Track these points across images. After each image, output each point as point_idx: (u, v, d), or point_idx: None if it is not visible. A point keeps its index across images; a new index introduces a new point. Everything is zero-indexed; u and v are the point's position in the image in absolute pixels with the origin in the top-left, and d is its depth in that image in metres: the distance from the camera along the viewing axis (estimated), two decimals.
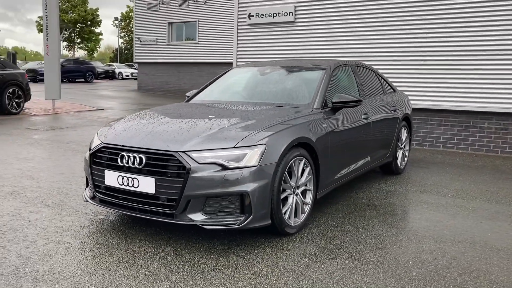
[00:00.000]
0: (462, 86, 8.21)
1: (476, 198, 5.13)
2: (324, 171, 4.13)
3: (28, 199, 4.61)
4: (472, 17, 8.03)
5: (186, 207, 3.30)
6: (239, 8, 10.66)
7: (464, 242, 3.74)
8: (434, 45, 8.40)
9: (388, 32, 8.84)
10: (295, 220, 3.78)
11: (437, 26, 8.33)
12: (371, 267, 3.20)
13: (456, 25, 8.18)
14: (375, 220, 4.23)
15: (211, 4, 24.28)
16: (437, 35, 8.35)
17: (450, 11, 8.21)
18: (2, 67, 11.65)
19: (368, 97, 5.39)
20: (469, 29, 8.06)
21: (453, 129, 8.46)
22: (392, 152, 5.92)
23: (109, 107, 15.47)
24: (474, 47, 8.04)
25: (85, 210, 4.29)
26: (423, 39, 8.48)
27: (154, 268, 3.10)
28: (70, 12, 64.72)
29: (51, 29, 12.96)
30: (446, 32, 8.27)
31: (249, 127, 3.64)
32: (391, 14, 8.78)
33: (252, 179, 3.32)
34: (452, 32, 8.22)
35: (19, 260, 3.18)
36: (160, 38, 26.33)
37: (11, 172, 5.75)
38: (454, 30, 8.20)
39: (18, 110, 11.94)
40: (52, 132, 9.32)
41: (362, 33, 9.12)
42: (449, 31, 8.24)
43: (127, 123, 4.04)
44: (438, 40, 8.36)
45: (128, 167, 3.46)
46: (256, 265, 3.19)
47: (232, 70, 5.63)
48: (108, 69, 41.17)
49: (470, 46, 8.08)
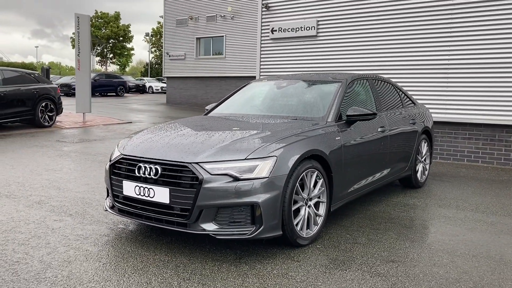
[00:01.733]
0: (486, 99, 8.10)
1: (497, 212, 5.05)
2: (337, 184, 4.17)
3: (53, 208, 4.82)
4: (497, 27, 7.94)
5: (198, 217, 3.41)
6: (262, 22, 10.85)
7: (478, 256, 3.70)
8: (457, 58, 8.32)
9: (411, 45, 8.82)
10: (308, 232, 3.83)
11: (461, 39, 8.27)
12: (380, 279, 3.21)
13: (480, 35, 8.10)
14: (389, 233, 4.23)
15: (238, 19, 24.68)
16: (461, 49, 8.28)
17: (474, 20, 8.15)
18: (36, 82, 12.17)
19: (385, 110, 5.41)
20: (494, 40, 7.97)
21: (478, 143, 8.33)
22: (411, 165, 5.88)
23: (137, 120, 15.86)
24: (498, 59, 7.94)
25: (106, 220, 4.45)
26: (446, 54, 8.42)
27: (166, 276, 3.20)
28: (103, 28, 66.81)
29: (83, 44, 13.47)
30: (470, 44, 8.19)
31: (261, 139, 3.73)
32: (415, 28, 8.77)
33: (263, 190, 3.40)
34: (476, 44, 8.14)
35: (40, 265, 3.34)
36: (189, 52, 26.88)
37: (40, 182, 6.01)
38: (478, 41, 8.12)
39: (50, 123, 12.40)
40: (81, 144, 9.65)
41: (384, 47, 9.13)
42: (473, 43, 8.17)
43: (145, 135, 4.20)
44: (461, 53, 8.28)
45: (144, 178, 3.60)
46: (266, 275, 3.25)
47: (250, 84, 5.76)
48: (138, 83, 42.14)
49: (493, 57, 7.98)
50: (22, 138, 10.31)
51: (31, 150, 8.65)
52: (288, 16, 10.50)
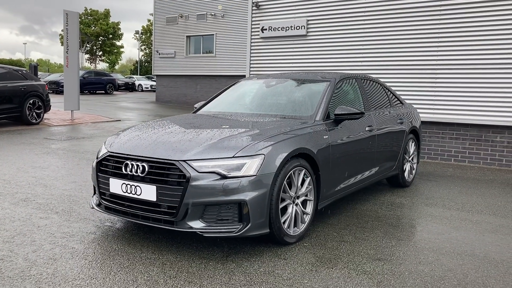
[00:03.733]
0: (473, 100, 8.19)
1: (482, 211, 5.11)
2: (325, 182, 4.19)
3: (39, 206, 4.77)
4: (482, 32, 8.03)
5: (185, 215, 3.40)
6: (252, 21, 10.85)
7: (463, 254, 3.74)
8: (445, 59, 8.41)
9: (400, 46, 8.89)
10: (295, 230, 3.84)
11: (449, 41, 8.35)
12: (366, 277, 3.24)
13: (468, 37, 8.19)
14: (376, 232, 4.26)
15: (228, 18, 24.64)
16: (449, 50, 8.37)
17: (461, 22, 8.23)
18: (23, 79, 12.03)
19: (373, 110, 5.44)
20: (481, 41, 8.06)
21: (465, 143, 8.42)
22: (399, 164, 5.93)
23: (126, 118, 15.77)
24: (485, 61, 8.03)
25: (93, 217, 4.42)
26: (434, 55, 8.50)
27: (153, 274, 3.19)
28: (92, 25, 66.28)
29: (71, 42, 13.36)
30: (458, 45, 8.28)
31: (249, 138, 3.73)
32: (403, 29, 8.83)
33: (251, 188, 3.40)
34: (464, 45, 8.23)
35: (25, 263, 3.31)
36: (178, 51, 26.78)
37: (26, 179, 5.95)
38: (466, 42, 8.21)
39: (38, 121, 12.27)
40: (69, 142, 9.58)
41: (373, 47, 9.18)
42: (460, 44, 8.25)
43: (133, 133, 4.18)
44: (449, 54, 8.37)
45: (131, 175, 3.58)
46: (252, 273, 3.25)
47: (239, 83, 5.76)
48: (128, 81, 41.90)
49: (481, 60, 8.07)
50: (9, 135, 10.20)
51: (18, 147, 8.56)
52: (278, 15, 10.51)
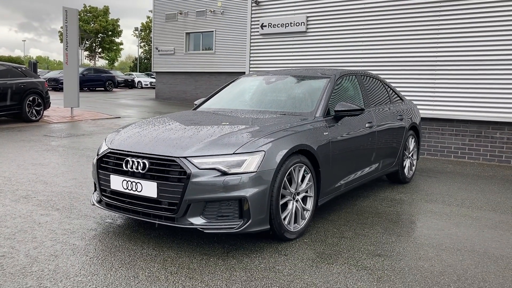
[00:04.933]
0: (473, 96, 8.19)
1: (482, 207, 5.12)
2: (325, 179, 4.20)
3: (40, 203, 4.78)
4: (482, 28, 8.02)
5: (186, 211, 3.41)
6: (252, 18, 10.83)
7: (463, 250, 3.75)
8: (445, 55, 8.41)
9: (399, 42, 8.88)
10: (295, 226, 3.85)
11: (448, 37, 8.35)
12: (366, 273, 3.25)
13: (467, 36, 8.19)
14: (376, 228, 4.27)
15: (228, 14, 24.61)
16: (448, 45, 8.36)
17: (461, 18, 8.22)
18: (23, 76, 12.03)
19: (373, 106, 5.45)
20: (480, 40, 8.06)
21: (465, 139, 8.43)
22: (399, 161, 5.94)
23: (126, 115, 15.77)
24: (485, 57, 8.03)
25: (94, 214, 4.44)
26: (434, 49, 8.50)
27: (154, 270, 3.21)
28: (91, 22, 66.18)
29: (71, 38, 13.35)
30: (457, 42, 8.27)
31: (249, 134, 3.74)
32: (403, 25, 8.82)
33: (251, 185, 3.41)
34: (463, 42, 8.22)
35: (26, 259, 3.32)
36: (178, 47, 26.75)
37: (27, 177, 5.96)
38: (465, 39, 8.20)
39: (37, 118, 12.27)
40: (69, 139, 9.58)
41: (373, 44, 9.18)
42: (460, 40, 8.25)
43: (133, 129, 4.18)
44: (449, 50, 8.37)
45: (132, 172, 3.59)
46: (253, 269, 3.26)
47: (239, 79, 5.76)
48: (127, 78, 41.86)
49: (480, 56, 8.07)
50: (9, 132, 10.20)
51: (18, 144, 8.56)
52: (277, 11, 10.50)
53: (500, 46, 7.89)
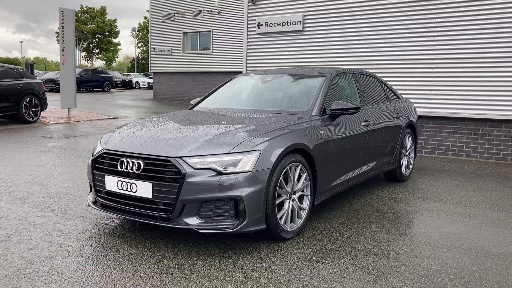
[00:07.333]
0: (470, 94, 8.19)
1: (479, 205, 5.11)
2: (321, 177, 4.18)
3: (35, 204, 4.76)
4: (479, 27, 8.01)
5: (182, 211, 3.39)
6: (248, 17, 10.81)
7: (460, 248, 3.74)
8: (442, 54, 8.40)
9: (396, 41, 8.87)
10: (292, 225, 3.84)
11: (445, 35, 8.34)
12: (362, 272, 3.23)
13: (463, 34, 8.18)
14: (373, 226, 4.26)
15: (225, 14, 24.58)
16: (445, 44, 8.36)
17: (457, 20, 8.22)
18: (19, 77, 11.99)
19: (369, 105, 5.43)
20: (477, 37, 8.05)
21: (462, 137, 8.42)
22: (396, 159, 5.93)
23: (123, 115, 15.73)
24: (482, 55, 8.02)
25: (89, 215, 4.41)
26: (431, 48, 8.49)
27: (149, 271, 3.19)
28: (88, 23, 66.05)
29: (67, 39, 13.31)
30: (454, 40, 8.27)
31: (245, 133, 3.72)
32: (399, 23, 8.82)
33: (247, 184, 3.39)
34: (460, 41, 8.22)
35: (21, 261, 3.30)
36: (175, 47, 26.71)
37: (23, 178, 5.93)
38: (462, 39, 8.19)
39: (34, 119, 12.24)
40: (66, 140, 9.55)
41: (370, 42, 9.16)
42: (456, 40, 8.24)
43: (128, 130, 4.16)
44: (446, 48, 8.36)
45: (127, 173, 3.57)
46: (249, 269, 3.25)
47: (235, 78, 5.74)
48: (125, 78, 41.78)
49: (477, 53, 8.07)
50: (5, 134, 10.17)
51: (15, 146, 8.53)
52: (274, 10, 10.48)
53: (498, 44, 7.88)
